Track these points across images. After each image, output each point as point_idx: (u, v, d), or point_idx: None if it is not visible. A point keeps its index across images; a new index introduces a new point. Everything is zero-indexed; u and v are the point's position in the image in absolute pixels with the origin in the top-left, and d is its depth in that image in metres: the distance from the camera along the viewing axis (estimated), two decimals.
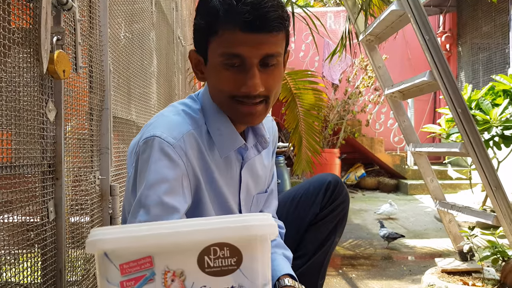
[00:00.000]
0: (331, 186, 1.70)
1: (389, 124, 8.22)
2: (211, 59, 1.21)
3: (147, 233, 0.73)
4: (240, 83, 1.17)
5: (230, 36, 1.14)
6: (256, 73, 1.16)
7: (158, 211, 1.12)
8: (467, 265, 2.68)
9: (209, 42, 1.20)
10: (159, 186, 1.13)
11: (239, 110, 1.22)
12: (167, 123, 1.22)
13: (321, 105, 5.10)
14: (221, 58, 1.17)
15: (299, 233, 1.71)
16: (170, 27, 4.05)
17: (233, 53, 1.15)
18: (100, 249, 0.72)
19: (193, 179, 1.23)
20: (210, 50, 1.20)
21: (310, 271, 1.67)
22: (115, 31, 2.18)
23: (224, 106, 1.26)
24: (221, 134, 1.28)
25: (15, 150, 1.30)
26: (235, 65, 1.17)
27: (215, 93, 1.26)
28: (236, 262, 0.73)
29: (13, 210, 1.28)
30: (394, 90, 2.70)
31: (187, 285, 0.73)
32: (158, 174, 1.14)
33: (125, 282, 0.72)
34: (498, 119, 2.91)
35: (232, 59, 1.16)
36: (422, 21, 2.27)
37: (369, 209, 5.69)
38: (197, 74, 1.30)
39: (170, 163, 1.16)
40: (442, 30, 8.75)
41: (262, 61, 1.17)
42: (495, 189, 2.20)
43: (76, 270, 1.76)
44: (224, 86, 1.20)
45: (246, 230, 0.73)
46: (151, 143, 1.17)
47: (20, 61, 1.31)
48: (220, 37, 1.16)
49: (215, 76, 1.22)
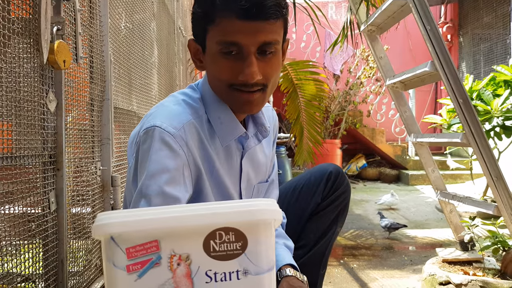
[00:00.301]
0: (332, 176, 1.70)
1: (390, 115, 8.21)
2: (209, 47, 1.21)
3: (153, 217, 0.73)
4: (238, 71, 1.17)
5: (227, 24, 1.14)
6: (254, 61, 1.16)
7: (159, 201, 1.12)
8: (468, 255, 2.68)
9: (206, 31, 1.19)
10: (160, 176, 1.13)
11: (237, 98, 1.22)
12: (168, 113, 1.22)
13: (323, 95, 5.10)
14: (218, 46, 1.17)
15: (300, 223, 1.70)
16: (170, 17, 4.04)
17: (230, 41, 1.15)
18: (107, 233, 0.72)
19: (194, 169, 1.22)
20: (208, 38, 1.20)
21: (311, 261, 1.67)
22: (116, 21, 2.18)
23: (223, 95, 1.26)
24: (222, 122, 1.28)
25: (15, 141, 1.30)
26: (233, 53, 1.17)
27: (214, 82, 1.26)
28: (241, 247, 0.74)
29: (14, 201, 1.29)
30: (395, 81, 2.69)
31: (192, 269, 0.73)
32: (158, 164, 1.14)
33: (131, 265, 0.73)
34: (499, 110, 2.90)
35: (230, 47, 1.16)
36: (424, 11, 2.25)
37: (370, 199, 5.69)
38: (196, 63, 1.30)
39: (170, 153, 1.15)
40: (444, 21, 8.72)
41: (259, 49, 1.17)
42: (496, 179, 2.20)
43: (78, 261, 1.77)
44: (222, 74, 1.20)
45: (251, 215, 0.74)
46: (151, 133, 1.16)
47: (20, 51, 1.30)
48: (217, 25, 1.15)
49: (213, 65, 1.22)
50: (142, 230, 0.72)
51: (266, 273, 0.76)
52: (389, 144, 7.92)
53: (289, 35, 1.31)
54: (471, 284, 2.27)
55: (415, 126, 2.79)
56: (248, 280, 0.74)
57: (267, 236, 0.75)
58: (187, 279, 0.73)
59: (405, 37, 8.53)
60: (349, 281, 2.74)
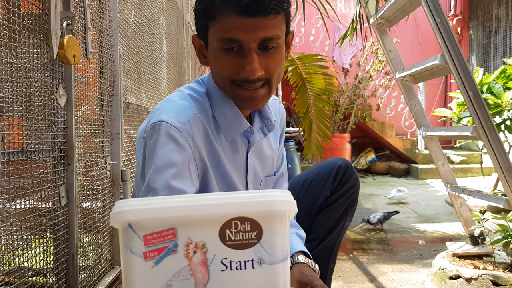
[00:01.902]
0: (341, 170, 1.70)
1: (400, 109, 8.17)
2: (211, 43, 1.21)
3: (171, 206, 0.75)
4: (239, 68, 1.18)
5: (227, 21, 1.14)
6: (255, 57, 1.16)
7: (165, 194, 1.12)
8: (478, 249, 2.67)
9: (208, 27, 1.20)
10: (166, 170, 1.14)
11: (240, 94, 1.23)
12: (174, 108, 1.23)
13: (332, 89, 5.08)
14: (219, 43, 1.17)
15: (309, 218, 1.71)
16: (179, 11, 4.04)
17: (231, 38, 1.15)
18: (125, 220, 0.74)
19: (200, 163, 1.23)
20: (209, 35, 1.21)
21: (321, 255, 1.67)
22: (125, 16, 2.18)
23: (226, 91, 1.27)
24: (226, 117, 1.28)
25: (26, 136, 1.30)
26: (234, 50, 1.17)
27: (217, 77, 1.27)
28: (257, 236, 0.75)
29: (25, 196, 1.30)
30: (405, 74, 2.68)
31: (208, 257, 0.74)
32: (165, 159, 1.14)
33: (148, 252, 0.74)
34: (509, 103, 2.88)
35: (230, 43, 1.16)
36: (434, 4, 2.24)
37: (380, 193, 5.68)
38: (200, 58, 1.31)
39: (177, 147, 1.16)
40: (453, 13, 8.65)
41: (260, 44, 1.17)
42: (507, 172, 2.19)
43: (88, 255, 1.78)
44: (224, 71, 1.21)
45: (267, 206, 0.75)
46: (157, 128, 1.17)
47: (30, 47, 1.31)
48: (218, 22, 1.16)
49: (215, 61, 1.22)
50: (160, 218, 0.74)
51: (281, 262, 0.76)
52: (398, 138, 7.88)
53: (297, 29, 1.31)
54: (481, 278, 2.26)
55: (425, 119, 2.78)
56: (263, 269, 0.75)
57: (282, 227, 0.76)
58: (203, 267, 0.75)
59: (415, 30, 8.48)
60: (359, 275, 2.74)
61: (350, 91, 7.55)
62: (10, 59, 1.20)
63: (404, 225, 4.08)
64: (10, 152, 1.20)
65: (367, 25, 3.15)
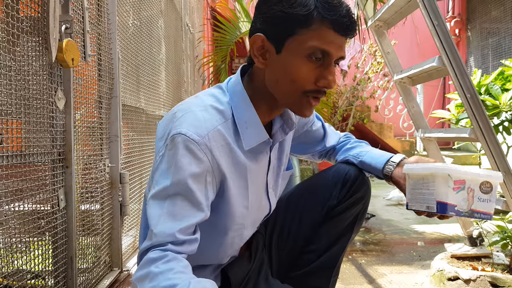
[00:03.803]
0: (351, 178, 1.61)
1: (398, 110, 8.18)
2: (293, 49, 1.23)
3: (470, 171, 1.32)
4: (320, 77, 1.24)
5: (325, 33, 1.20)
6: (334, 70, 1.26)
7: (182, 203, 1.17)
8: (477, 250, 2.68)
9: (294, 33, 1.21)
10: (184, 181, 1.17)
11: (305, 103, 1.28)
12: (193, 120, 1.23)
13: (330, 91, 5.09)
14: (308, 51, 1.21)
15: (313, 226, 1.64)
16: (178, 14, 4.04)
17: (325, 49, 1.21)
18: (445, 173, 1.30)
19: (218, 174, 1.25)
20: (294, 40, 1.22)
21: (323, 266, 1.62)
22: (124, 18, 2.19)
23: (289, 96, 1.29)
24: (247, 127, 1.31)
25: (25, 139, 1.31)
26: (318, 60, 1.22)
27: (284, 82, 1.27)
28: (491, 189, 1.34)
29: (24, 199, 1.30)
30: (403, 76, 2.68)
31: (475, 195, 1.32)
32: (183, 170, 1.17)
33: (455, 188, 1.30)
34: (507, 104, 2.88)
35: (319, 54, 1.21)
36: (431, 6, 2.24)
37: (379, 195, 5.68)
38: (257, 58, 1.29)
39: (194, 160, 1.18)
40: (451, 15, 8.68)
41: (336, 60, 1.26)
42: (505, 174, 2.19)
43: (87, 258, 1.78)
44: (301, 77, 1.23)
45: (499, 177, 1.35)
46: (177, 140, 1.19)
47: (29, 50, 1.31)
48: (315, 31, 1.19)
49: (293, 66, 1.23)
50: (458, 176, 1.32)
51: None
52: (397, 139, 7.90)
53: None
54: (480, 280, 2.26)
55: (423, 121, 2.79)
56: None
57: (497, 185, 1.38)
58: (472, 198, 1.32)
59: (413, 31, 8.50)
60: (358, 277, 2.75)
61: (348, 92, 7.56)
62: (9, 63, 1.20)
63: (403, 226, 4.08)
64: (9, 155, 1.20)
65: (365, 27, 3.15)
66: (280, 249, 1.67)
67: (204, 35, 6.10)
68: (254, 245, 1.61)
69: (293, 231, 1.66)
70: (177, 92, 3.90)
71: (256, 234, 1.63)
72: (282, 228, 1.68)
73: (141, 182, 2.52)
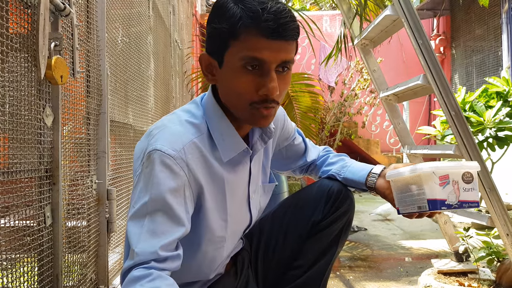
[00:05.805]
0: (334, 194, 1.62)
1: (385, 126, 8.25)
2: (229, 62, 1.23)
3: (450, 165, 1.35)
4: (259, 86, 1.21)
5: (254, 41, 1.18)
6: (275, 76, 1.21)
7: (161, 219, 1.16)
8: (463, 266, 2.70)
9: (227, 46, 1.22)
10: (162, 196, 1.17)
11: (256, 114, 1.26)
12: (169, 135, 1.24)
13: (318, 107, 5.13)
14: (242, 61, 1.20)
15: (299, 242, 1.64)
16: (167, 30, 4.06)
17: (256, 57, 1.19)
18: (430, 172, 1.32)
19: (196, 187, 1.26)
20: (229, 53, 1.22)
21: (309, 281, 1.62)
22: (113, 35, 2.20)
23: (239, 109, 1.28)
24: (224, 139, 1.31)
25: (12, 155, 1.31)
26: (255, 69, 1.21)
27: (231, 96, 1.28)
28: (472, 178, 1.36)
29: (9, 215, 1.29)
30: (388, 93, 2.72)
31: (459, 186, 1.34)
32: (160, 185, 1.17)
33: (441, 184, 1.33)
34: (491, 121, 2.93)
35: (253, 62, 1.20)
36: (416, 26, 2.28)
37: (366, 210, 5.70)
38: (207, 76, 1.32)
39: (171, 175, 1.19)
40: (436, 33, 8.79)
41: (279, 66, 1.22)
42: (489, 190, 2.22)
43: (73, 275, 1.77)
44: (242, 88, 1.23)
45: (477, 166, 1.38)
46: (153, 156, 1.20)
47: (17, 67, 1.32)
48: (243, 41, 1.19)
49: (233, 79, 1.24)
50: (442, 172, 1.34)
51: None
52: (384, 154, 7.95)
53: None
54: None
55: (409, 138, 2.82)
56: None
57: None
58: (457, 190, 1.33)
59: (399, 49, 8.60)
60: None
61: (336, 108, 7.62)
62: None
63: (390, 242, 4.10)
64: None
65: (352, 45, 3.19)
66: (266, 265, 1.67)
67: (193, 51, 6.13)
68: (240, 261, 1.61)
69: (278, 247, 1.66)
70: (165, 107, 3.90)
71: (242, 250, 1.63)
72: (267, 244, 1.68)
73: (128, 198, 2.51)
